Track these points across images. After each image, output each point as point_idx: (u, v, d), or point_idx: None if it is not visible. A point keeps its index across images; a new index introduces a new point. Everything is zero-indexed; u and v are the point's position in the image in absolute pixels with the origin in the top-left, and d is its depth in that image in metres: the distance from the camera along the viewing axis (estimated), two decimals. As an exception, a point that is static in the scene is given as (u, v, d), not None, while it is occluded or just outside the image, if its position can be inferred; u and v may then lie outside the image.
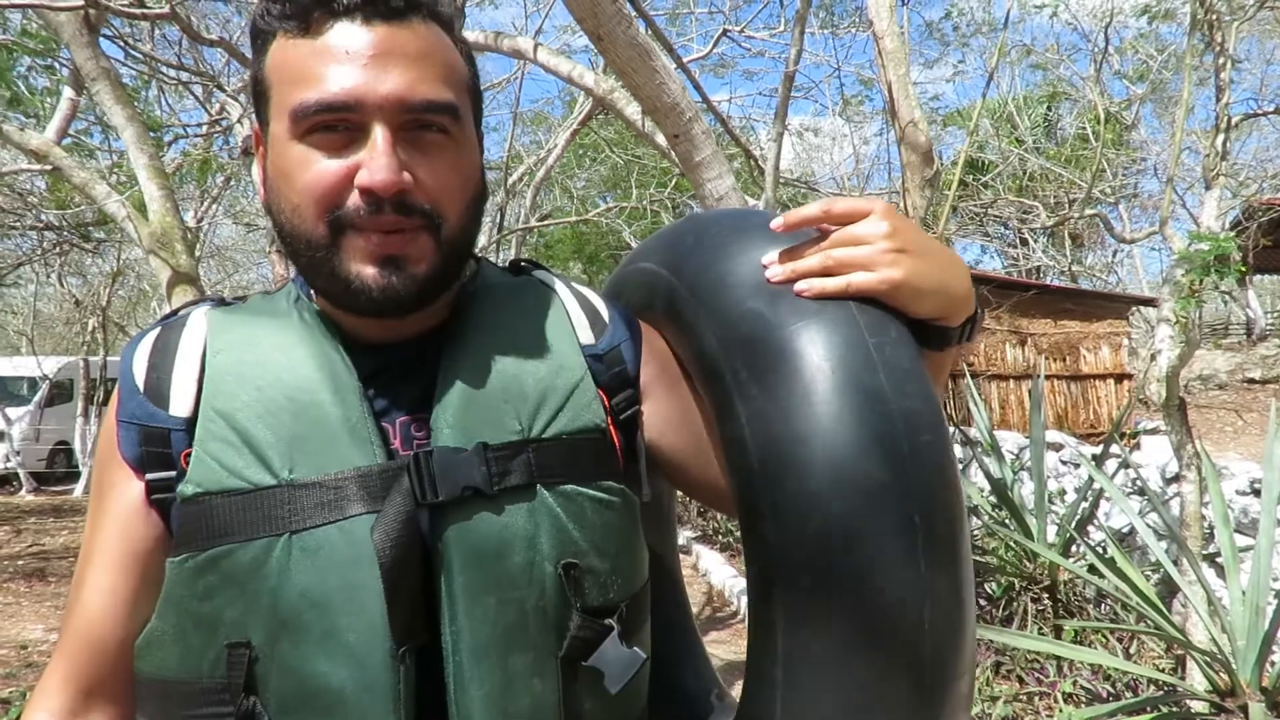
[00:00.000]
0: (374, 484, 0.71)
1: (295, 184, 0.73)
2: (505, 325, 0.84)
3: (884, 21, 3.39)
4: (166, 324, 0.81)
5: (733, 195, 2.71)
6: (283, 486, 0.70)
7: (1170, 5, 8.74)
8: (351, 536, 0.69)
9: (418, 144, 0.73)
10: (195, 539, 0.69)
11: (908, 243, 0.73)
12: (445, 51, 0.77)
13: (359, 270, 0.73)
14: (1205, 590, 3.08)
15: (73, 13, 3.01)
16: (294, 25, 0.73)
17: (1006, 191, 13.43)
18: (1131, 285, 22.07)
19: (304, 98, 0.71)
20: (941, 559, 0.65)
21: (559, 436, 0.77)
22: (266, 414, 0.73)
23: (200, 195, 9.93)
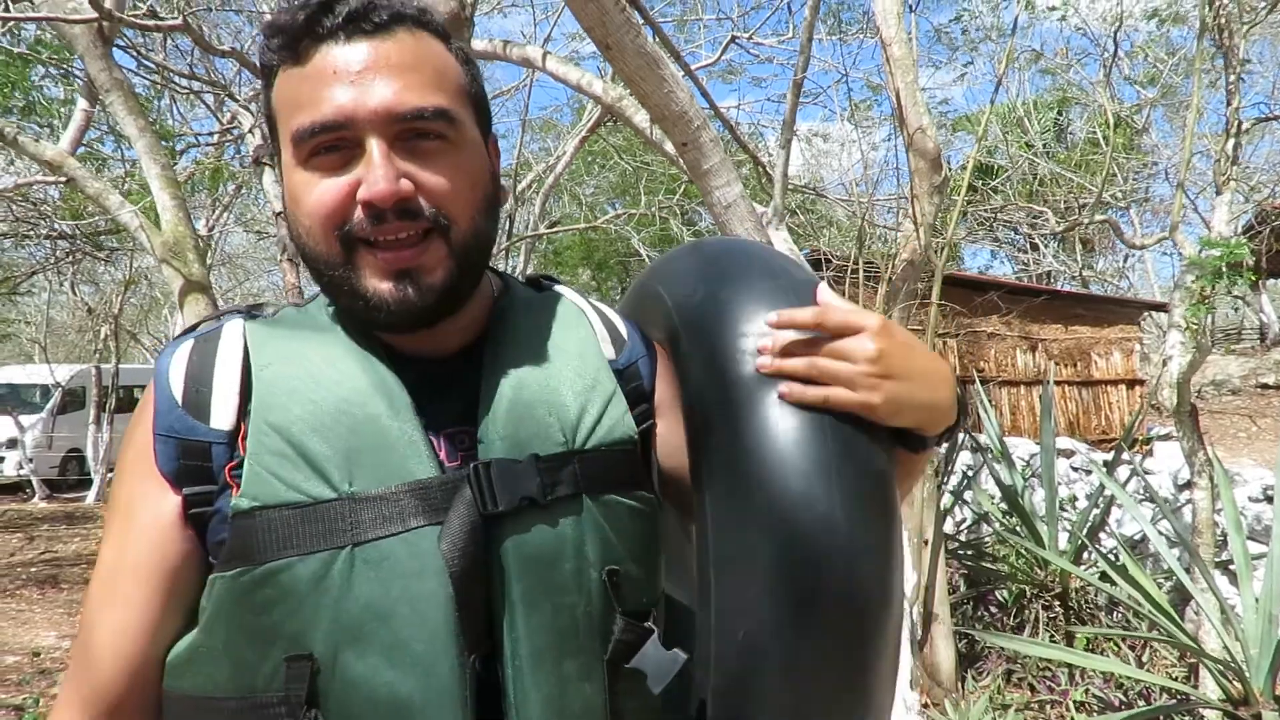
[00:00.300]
0: (434, 496, 0.72)
1: (304, 207, 0.75)
2: (540, 339, 0.86)
3: (891, 29, 3.40)
4: (200, 336, 0.81)
5: (740, 203, 2.72)
6: (343, 499, 0.70)
7: (1181, 9, 8.72)
8: (415, 548, 0.70)
9: (416, 152, 0.74)
10: (251, 553, 0.69)
11: (893, 367, 0.75)
12: (435, 59, 0.78)
13: (374, 286, 0.74)
14: (1218, 598, 3.06)
15: (87, 25, 3.04)
16: (288, 55, 0.75)
17: (1017, 196, 13.38)
18: (1143, 290, 21.95)
19: (300, 122, 0.73)
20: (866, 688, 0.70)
21: (599, 448, 0.80)
22: (321, 427, 0.73)
23: (212, 204, 9.99)
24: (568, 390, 0.82)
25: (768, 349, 0.76)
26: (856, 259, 4.55)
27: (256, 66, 3.95)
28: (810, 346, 0.76)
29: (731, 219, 2.66)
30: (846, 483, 0.71)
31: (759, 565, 0.71)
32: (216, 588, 0.70)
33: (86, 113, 3.77)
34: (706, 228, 12.46)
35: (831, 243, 12.31)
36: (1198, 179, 11.89)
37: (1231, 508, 3.25)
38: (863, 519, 0.70)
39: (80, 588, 7.09)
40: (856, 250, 4.76)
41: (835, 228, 14.41)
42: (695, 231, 11.77)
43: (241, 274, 18.07)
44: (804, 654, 0.69)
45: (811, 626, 0.69)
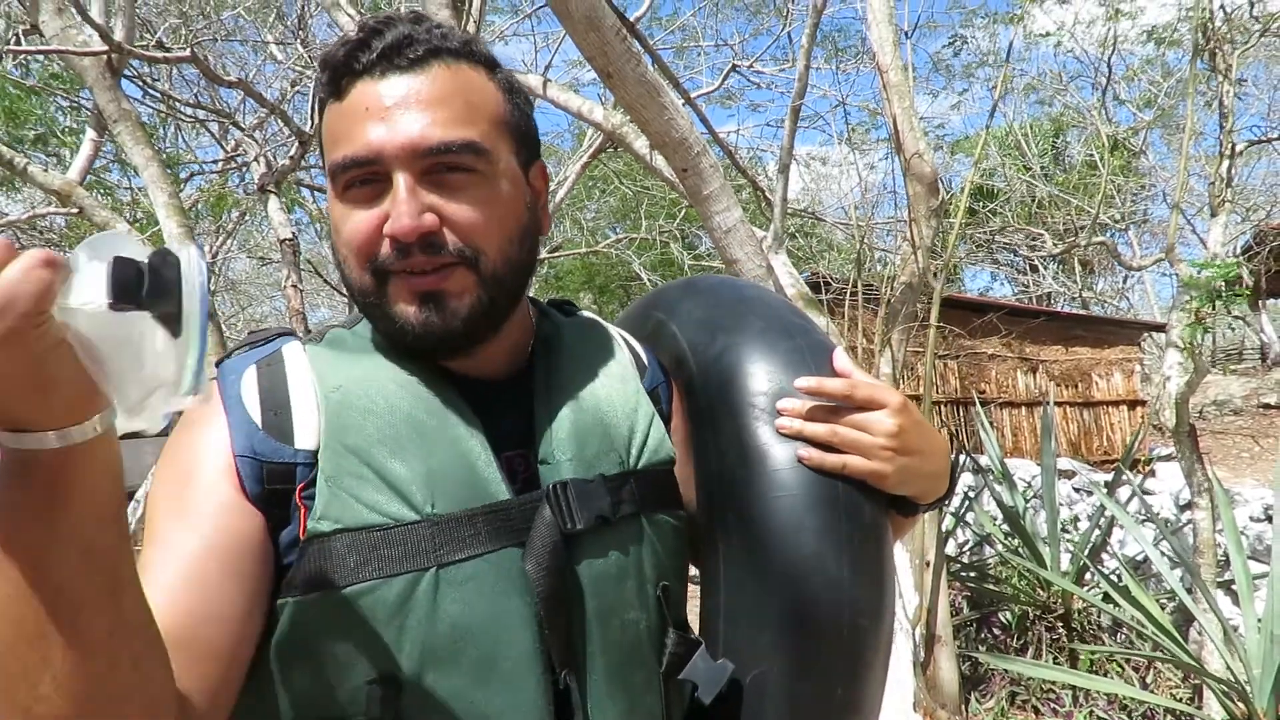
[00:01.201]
0: (514, 516, 0.74)
1: (342, 238, 0.77)
2: (586, 363, 0.89)
3: (888, 56, 3.45)
4: (260, 360, 0.79)
5: (740, 227, 2.75)
6: (426, 521, 0.71)
7: (1176, 34, 8.82)
8: (500, 568, 0.72)
9: (444, 185, 0.75)
10: (331, 576, 0.68)
11: (908, 443, 0.80)
12: (469, 91, 0.78)
13: (402, 310, 0.76)
14: (1219, 618, 3.06)
15: (96, 58, 3.10)
16: (331, 91, 0.78)
17: (1016, 218, 13.45)
18: (1144, 311, 21.99)
19: (335, 157, 0.76)
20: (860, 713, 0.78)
21: (649, 467, 0.84)
22: (399, 449, 0.73)
23: (216, 230, 10.06)
24: (617, 412, 0.85)
25: (792, 412, 0.80)
26: (856, 282, 4.59)
27: (261, 96, 4.00)
28: (833, 415, 0.80)
29: (732, 244, 2.69)
30: (854, 549, 0.77)
31: (770, 617, 0.77)
32: (294, 613, 0.69)
33: (95, 143, 3.83)
34: (707, 251, 12.52)
35: (831, 265, 12.37)
36: (1194, 200, 11.96)
37: (1231, 528, 3.25)
38: (866, 583, 0.77)
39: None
40: (856, 273, 4.79)
41: (836, 250, 14.48)
42: (696, 255, 11.82)
43: (245, 299, 18.13)
44: (806, 694, 0.76)
45: (815, 670, 0.76)
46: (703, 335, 0.92)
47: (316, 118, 0.83)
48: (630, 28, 3.04)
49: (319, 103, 0.82)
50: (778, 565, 0.76)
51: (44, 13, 3.13)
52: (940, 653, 3.60)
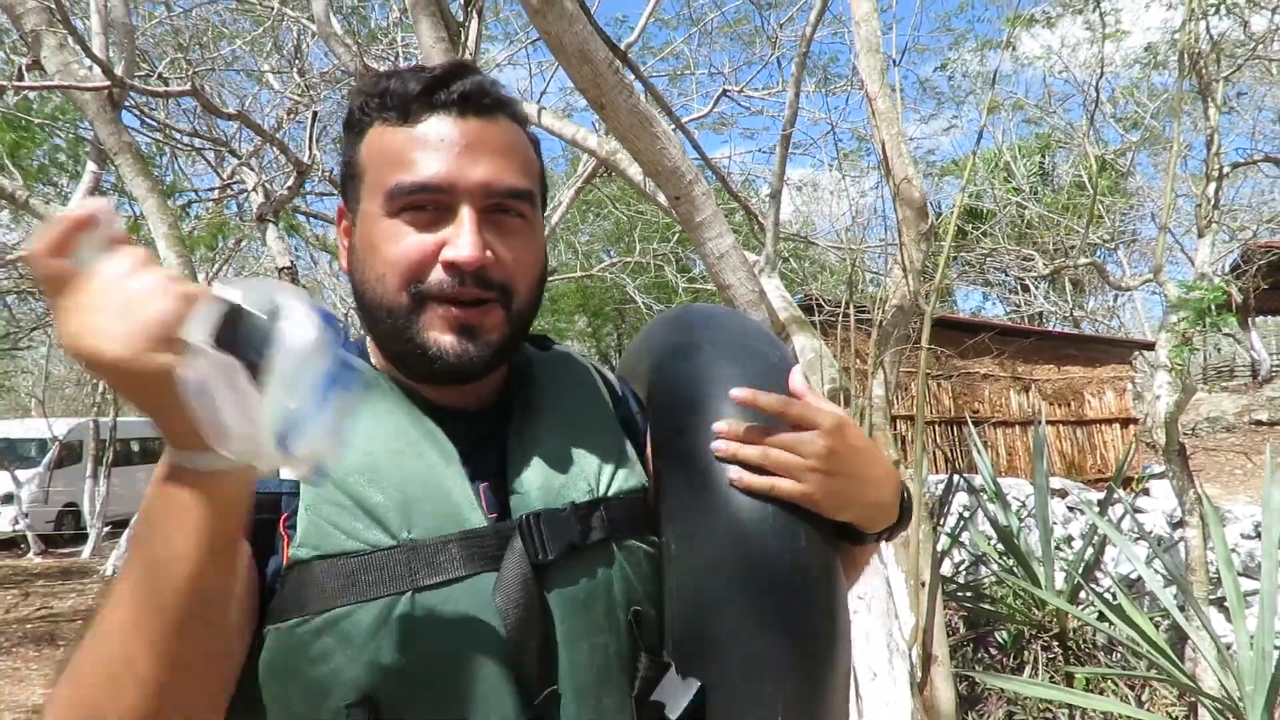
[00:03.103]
0: (488, 545, 0.76)
1: (383, 255, 0.80)
2: (559, 395, 0.92)
3: (875, 84, 3.51)
4: None
5: (733, 253, 2.79)
6: (402, 547, 0.73)
7: (1162, 57, 8.94)
8: (473, 594, 0.74)
9: (498, 226, 0.81)
10: (310, 602, 0.71)
11: (840, 465, 0.79)
12: (524, 146, 0.86)
13: (437, 338, 0.79)
14: (1212, 636, 3.08)
15: (98, 91, 3.15)
16: (394, 115, 0.81)
17: (1006, 239, 13.57)
18: (1135, 329, 22.11)
19: (401, 179, 0.79)
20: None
21: (619, 495, 0.86)
22: (375, 477, 0.76)
23: (212, 258, 10.10)
24: (589, 443, 0.88)
25: (727, 434, 0.80)
26: (847, 303, 4.64)
27: (260, 127, 4.04)
28: (765, 434, 0.79)
29: (724, 269, 2.73)
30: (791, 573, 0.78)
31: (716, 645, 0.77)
32: (273, 641, 0.71)
33: (95, 174, 3.87)
34: (700, 274, 12.59)
35: (824, 287, 12.44)
36: (1182, 219, 12.07)
37: (1222, 545, 3.28)
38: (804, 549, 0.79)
39: (77, 644, 7.02)
40: (848, 295, 4.84)
41: (829, 272, 14.57)
42: (690, 278, 11.89)
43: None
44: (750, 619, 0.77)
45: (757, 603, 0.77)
46: (664, 357, 0.95)
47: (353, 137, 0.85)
48: (622, 57, 3.10)
49: (356, 126, 0.84)
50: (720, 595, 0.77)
51: (46, 48, 3.18)
52: (936, 673, 3.61)
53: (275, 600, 0.72)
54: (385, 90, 0.82)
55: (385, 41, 6.76)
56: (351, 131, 0.85)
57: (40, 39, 3.22)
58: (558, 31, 2.09)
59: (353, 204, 0.85)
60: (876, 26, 3.54)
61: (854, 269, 5.24)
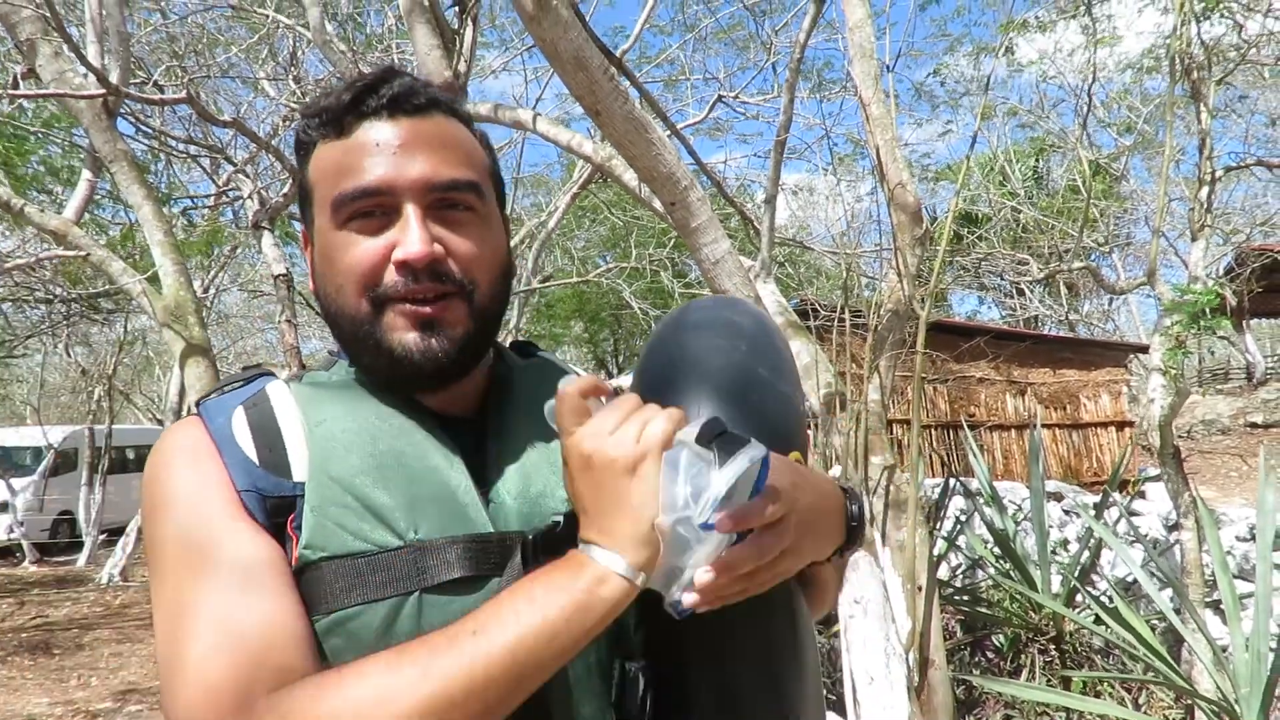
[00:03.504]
0: (493, 551, 0.77)
1: (338, 266, 0.80)
2: (537, 404, 0.89)
3: (869, 90, 3.53)
4: (245, 402, 0.81)
5: (728, 258, 2.80)
6: (409, 548, 0.74)
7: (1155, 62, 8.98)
8: (479, 595, 0.74)
9: (447, 220, 0.81)
10: (319, 602, 0.72)
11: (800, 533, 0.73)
12: (465, 140, 0.86)
13: (400, 338, 0.79)
14: (1208, 638, 3.09)
15: (93, 100, 3.15)
16: (330, 131, 0.82)
17: (1001, 243, 13.60)
18: (1129, 332, 22.17)
19: (342, 188, 0.79)
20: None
21: None
22: (381, 478, 0.76)
23: (208, 265, 10.10)
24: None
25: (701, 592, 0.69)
26: (843, 308, 4.65)
27: (255, 135, 4.05)
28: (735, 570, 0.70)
29: (720, 274, 2.74)
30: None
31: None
32: None
33: (90, 182, 3.87)
34: (696, 279, 12.60)
35: (820, 292, 12.46)
36: (1176, 222, 12.12)
37: (1217, 548, 3.29)
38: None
39: (73, 653, 7.01)
40: (843, 300, 4.86)
41: (824, 276, 14.60)
42: (686, 283, 11.89)
43: (236, 333, 18.13)
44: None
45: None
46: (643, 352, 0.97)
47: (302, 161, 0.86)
48: (618, 64, 3.11)
49: (303, 149, 0.85)
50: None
51: (41, 57, 3.19)
52: (934, 676, 3.62)
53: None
54: (321, 108, 0.82)
55: (381, 48, 6.77)
56: (300, 155, 0.86)
57: (35, 47, 3.22)
58: (553, 39, 2.10)
59: (309, 224, 0.86)
60: (870, 33, 3.55)
61: (849, 274, 5.25)
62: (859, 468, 3.17)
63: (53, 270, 7.95)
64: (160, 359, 18.12)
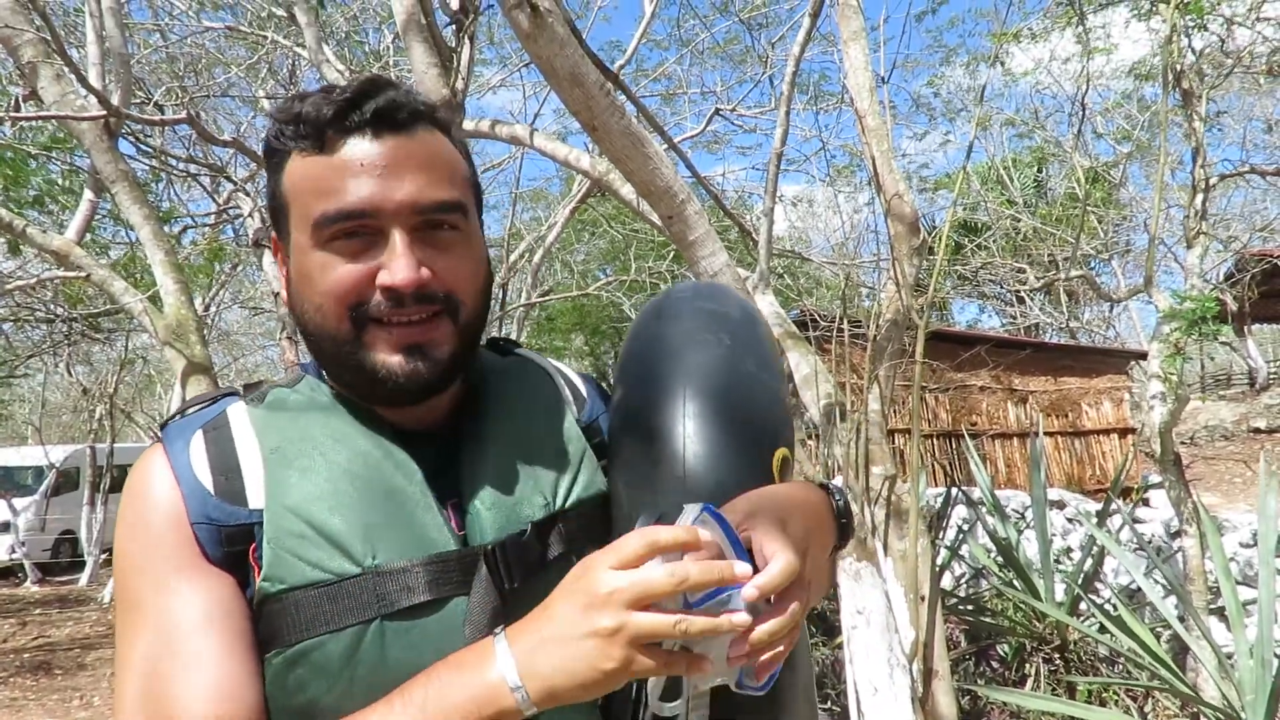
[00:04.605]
0: (453, 569, 0.75)
1: (318, 287, 0.78)
2: (513, 406, 0.91)
3: (865, 102, 3.55)
4: (206, 425, 0.81)
5: (726, 271, 2.81)
6: (368, 574, 0.72)
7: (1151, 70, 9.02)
8: (443, 615, 0.74)
9: (431, 241, 0.79)
10: (282, 635, 0.71)
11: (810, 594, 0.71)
12: (449, 155, 0.83)
13: (385, 359, 0.78)
14: (1212, 645, 3.08)
15: (94, 121, 3.18)
16: (309, 144, 0.78)
17: (1001, 252, 13.63)
18: (1130, 338, 22.17)
19: (324, 208, 0.76)
20: None
21: (579, 504, 0.85)
22: (338, 504, 0.75)
23: (208, 283, 10.13)
24: (544, 454, 0.87)
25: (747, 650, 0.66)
26: (841, 319, 4.65)
27: (255, 154, 4.05)
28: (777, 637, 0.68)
29: (717, 287, 2.75)
30: None
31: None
32: (265, 674, 0.73)
33: (92, 203, 3.89)
34: (697, 291, 12.60)
35: (819, 302, 12.48)
36: (1175, 229, 12.13)
37: (1220, 555, 3.29)
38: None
39: (75, 674, 6.99)
40: (841, 310, 4.86)
41: (824, 286, 14.61)
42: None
43: (237, 350, 18.15)
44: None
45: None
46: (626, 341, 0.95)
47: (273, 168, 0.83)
48: (614, 80, 3.14)
49: (274, 155, 0.82)
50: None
51: (43, 79, 3.21)
52: (938, 687, 3.60)
53: (259, 632, 0.73)
54: (298, 116, 0.79)
55: (379, 66, 6.81)
56: (271, 160, 0.83)
57: (37, 70, 3.25)
58: (549, 55, 2.11)
59: (284, 236, 0.83)
60: (865, 45, 3.58)
61: (848, 284, 5.26)
62: (860, 478, 3.17)
63: (54, 290, 7.99)
64: (161, 377, 18.14)
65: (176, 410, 0.85)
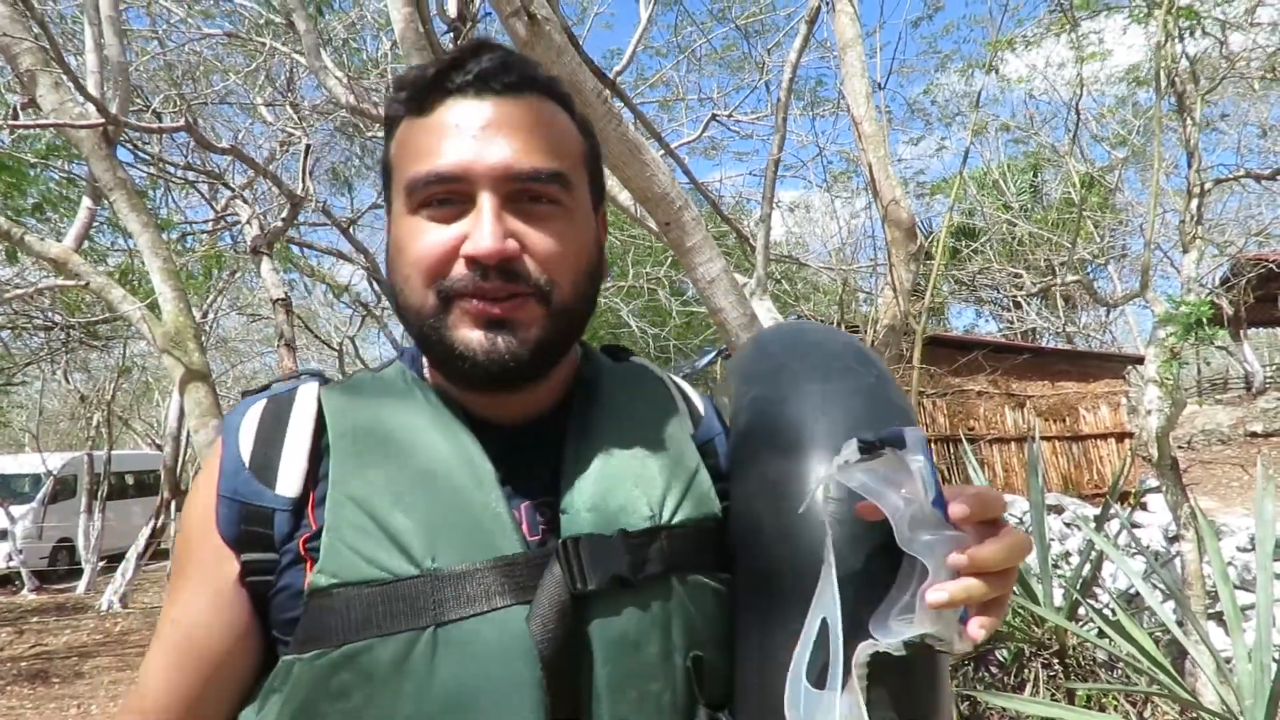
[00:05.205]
0: (520, 573, 0.69)
1: (407, 256, 0.74)
2: (626, 409, 0.84)
3: (861, 108, 3.56)
4: (274, 396, 0.78)
5: (723, 277, 2.82)
6: (425, 576, 0.67)
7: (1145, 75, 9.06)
8: (502, 628, 0.67)
9: (528, 214, 0.73)
10: (328, 634, 0.66)
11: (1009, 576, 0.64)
12: (558, 124, 0.77)
13: (465, 336, 0.72)
14: (1210, 650, 3.08)
15: (93, 129, 3.18)
16: (414, 106, 0.76)
17: (997, 257, 13.66)
18: (1127, 343, 22.21)
19: (416, 171, 0.73)
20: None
21: (685, 524, 0.76)
22: (401, 499, 0.70)
23: (206, 289, 10.13)
24: (654, 463, 0.79)
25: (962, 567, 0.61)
26: (839, 324, 4.67)
27: (254, 161, 4.08)
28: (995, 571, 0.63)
29: (716, 293, 2.76)
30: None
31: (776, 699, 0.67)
32: (295, 672, 0.67)
33: (90, 210, 3.90)
34: (694, 297, 12.63)
35: (817, 307, 12.49)
36: (1171, 234, 12.17)
37: (1217, 559, 3.29)
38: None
39: (72, 682, 6.97)
40: (839, 315, 4.88)
41: (821, 292, 14.63)
42: (684, 301, 11.92)
43: (235, 357, 18.14)
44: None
45: None
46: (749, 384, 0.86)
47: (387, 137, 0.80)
48: (611, 86, 3.14)
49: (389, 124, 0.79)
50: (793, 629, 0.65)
51: (41, 87, 3.22)
52: (937, 693, 3.60)
53: (298, 628, 0.68)
54: (407, 82, 0.77)
55: (377, 73, 6.82)
56: (386, 131, 0.80)
57: (36, 79, 3.26)
58: (546, 63, 2.12)
59: (387, 206, 0.80)
60: (861, 52, 3.59)
61: (845, 289, 5.27)
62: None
63: (52, 297, 7.98)
64: (159, 384, 18.11)
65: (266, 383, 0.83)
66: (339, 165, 9.62)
